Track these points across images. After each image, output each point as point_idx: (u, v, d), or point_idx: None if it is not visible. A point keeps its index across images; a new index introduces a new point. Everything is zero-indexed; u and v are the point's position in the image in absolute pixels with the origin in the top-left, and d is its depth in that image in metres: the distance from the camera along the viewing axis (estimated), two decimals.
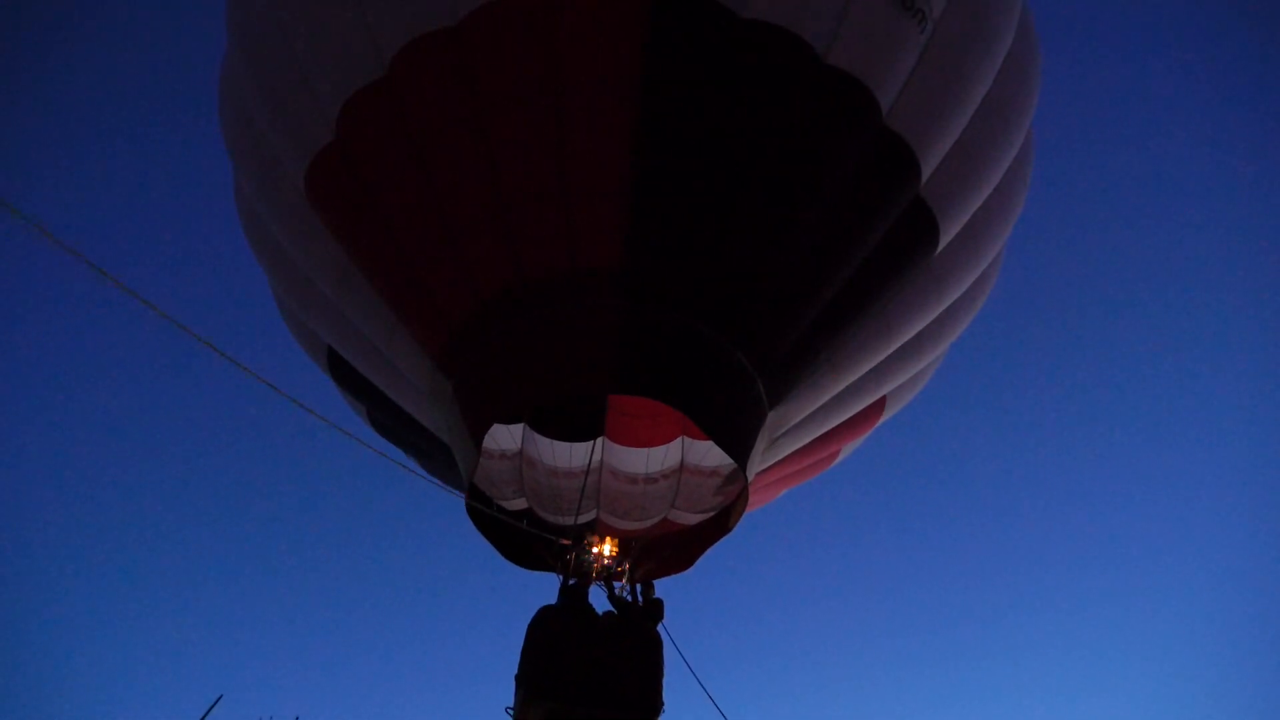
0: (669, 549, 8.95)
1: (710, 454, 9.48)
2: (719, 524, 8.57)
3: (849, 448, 9.76)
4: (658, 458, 9.72)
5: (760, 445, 7.31)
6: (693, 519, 9.57)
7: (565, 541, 7.93)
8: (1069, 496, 30.37)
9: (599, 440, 9.46)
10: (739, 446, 6.88)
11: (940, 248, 7.77)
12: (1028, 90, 8.26)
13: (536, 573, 8.43)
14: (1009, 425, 31.26)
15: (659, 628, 6.52)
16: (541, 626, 6.05)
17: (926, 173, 7.27)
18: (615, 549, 8.56)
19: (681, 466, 9.89)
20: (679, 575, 9.04)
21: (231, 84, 8.30)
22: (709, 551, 8.88)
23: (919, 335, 8.36)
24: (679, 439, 9.74)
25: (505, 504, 9.49)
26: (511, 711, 6.04)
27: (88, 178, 29.14)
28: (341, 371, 8.99)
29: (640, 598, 6.75)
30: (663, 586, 8.52)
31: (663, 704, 6.01)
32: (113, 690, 25.71)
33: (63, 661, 24.96)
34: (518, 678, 5.95)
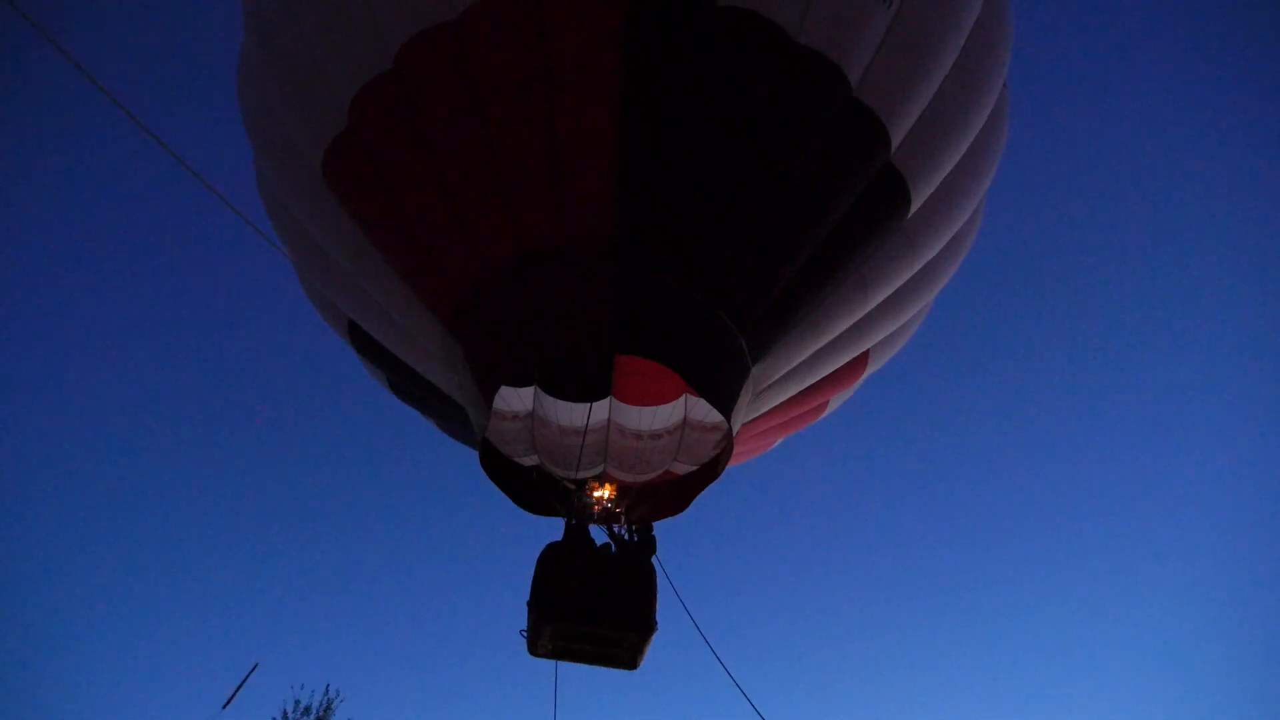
0: (664, 494, 9.63)
1: (711, 410, 10.09)
2: (709, 470, 9.24)
3: (837, 399, 10.34)
4: (662, 415, 10.29)
5: (745, 397, 7.93)
6: (691, 470, 10.23)
7: (570, 486, 8.62)
8: (1061, 469, 30.73)
9: (606, 400, 10.09)
10: (723, 398, 7.51)
11: (913, 210, 8.27)
12: (997, 56, 8.66)
13: (545, 518, 9.17)
14: (998, 390, 31.66)
15: (653, 560, 7.21)
16: (549, 559, 6.75)
17: (896, 140, 7.76)
18: (614, 493, 9.24)
19: (685, 423, 10.48)
20: (687, 543, 9.69)
21: (250, 75, 8.87)
22: (708, 511, 9.51)
23: (897, 293, 8.89)
24: (682, 397, 10.34)
25: (518, 460, 10.17)
26: (524, 632, 6.78)
27: (105, 163, 29.81)
28: (361, 341, 9.65)
29: (636, 535, 7.44)
30: (665, 539, 9.21)
31: (656, 623, 6.71)
32: (152, 659, 26.89)
33: (104, 632, 26.15)
34: (529, 603, 6.67)
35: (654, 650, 6.87)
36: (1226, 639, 24.49)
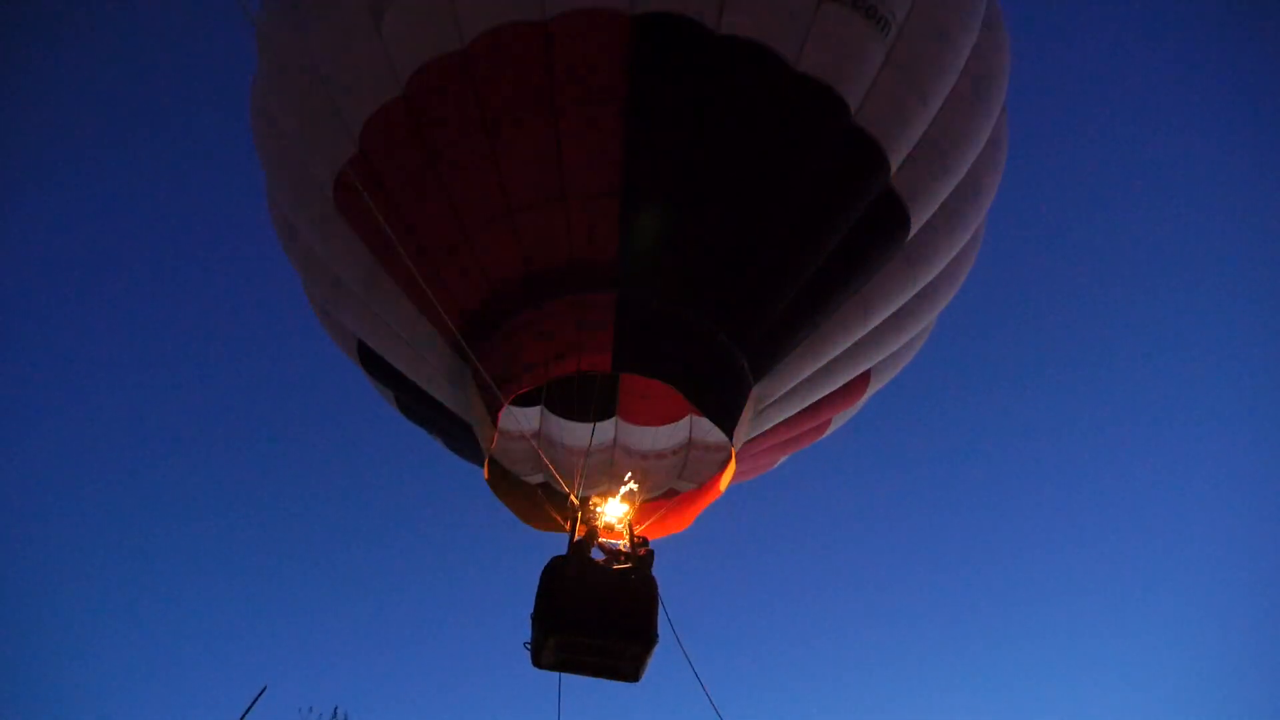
0: (668, 512, 9.74)
1: (714, 429, 10.20)
2: (712, 489, 9.37)
3: (839, 418, 10.45)
4: (667, 435, 10.45)
5: (747, 416, 8.07)
6: (694, 488, 10.34)
7: (574, 501, 8.77)
8: (1064, 482, 30.55)
9: (611, 420, 10.24)
10: (724, 416, 7.66)
11: (912, 233, 8.44)
12: (995, 81, 8.84)
13: (549, 534, 9.31)
14: (1003, 408, 31.60)
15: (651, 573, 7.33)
16: (552, 572, 6.88)
17: (895, 165, 7.94)
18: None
19: (689, 443, 10.61)
20: (689, 561, 9.81)
21: (263, 99, 9.10)
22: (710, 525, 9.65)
23: (897, 314, 9.01)
24: (686, 417, 10.48)
25: (525, 479, 10.31)
26: (528, 645, 6.91)
27: (123, 181, 30.26)
28: (370, 361, 9.82)
29: (635, 550, 7.59)
30: (668, 557, 9.31)
31: (657, 636, 6.83)
32: (160, 682, 26.85)
33: (110, 654, 26.17)
34: (532, 616, 6.81)
35: (656, 662, 7.00)
36: (1228, 646, 24.31)
